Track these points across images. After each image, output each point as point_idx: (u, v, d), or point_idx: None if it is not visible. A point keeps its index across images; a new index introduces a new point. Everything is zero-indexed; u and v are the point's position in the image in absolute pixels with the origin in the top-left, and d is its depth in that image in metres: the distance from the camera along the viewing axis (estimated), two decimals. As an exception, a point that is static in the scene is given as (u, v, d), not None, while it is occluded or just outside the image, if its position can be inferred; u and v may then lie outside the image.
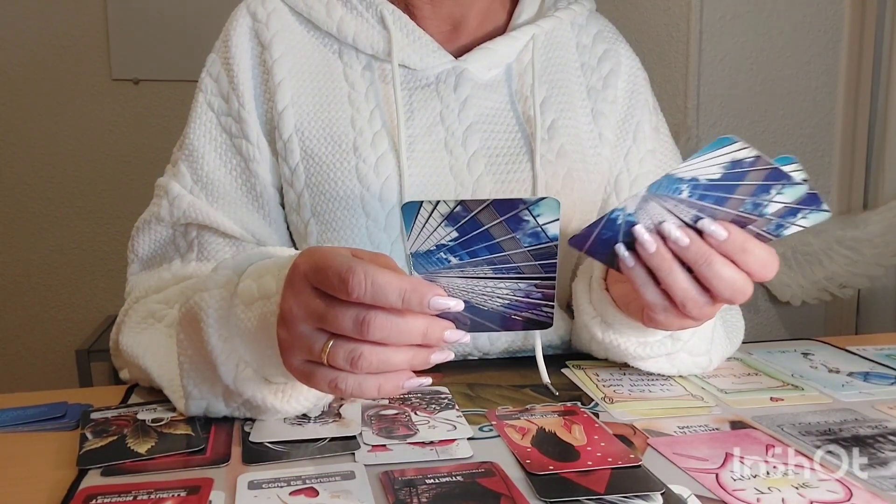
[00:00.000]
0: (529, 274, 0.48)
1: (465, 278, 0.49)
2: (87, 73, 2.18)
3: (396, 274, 0.45)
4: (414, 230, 0.47)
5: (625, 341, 0.67)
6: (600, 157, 0.80)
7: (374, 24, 0.76)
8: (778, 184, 0.51)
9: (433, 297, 0.46)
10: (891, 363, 0.75)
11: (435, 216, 0.46)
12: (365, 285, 0.44)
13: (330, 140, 0.73)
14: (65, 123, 2.19)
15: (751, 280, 0.55)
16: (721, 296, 0.55)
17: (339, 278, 0.45)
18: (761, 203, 0.53)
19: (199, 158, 0.75)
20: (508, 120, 0.78)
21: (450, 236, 0.47)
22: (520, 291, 0.49)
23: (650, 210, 0.54)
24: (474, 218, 0.46)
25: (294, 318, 0.48)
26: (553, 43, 0.82)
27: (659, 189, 0.53)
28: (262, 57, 0.75)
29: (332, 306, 0.46)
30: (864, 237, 1.63)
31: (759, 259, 0.54)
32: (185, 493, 0.48)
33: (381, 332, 0.45)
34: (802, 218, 0.54)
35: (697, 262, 0.54)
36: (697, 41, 1.66)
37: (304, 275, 0.48)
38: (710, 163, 0.51)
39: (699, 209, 0.54)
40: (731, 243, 0.54)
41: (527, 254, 0.48)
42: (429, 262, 0.48)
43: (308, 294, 0.48)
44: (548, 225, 0.46)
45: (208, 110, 0.76)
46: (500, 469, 0.51)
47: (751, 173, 0.51)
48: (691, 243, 0.54)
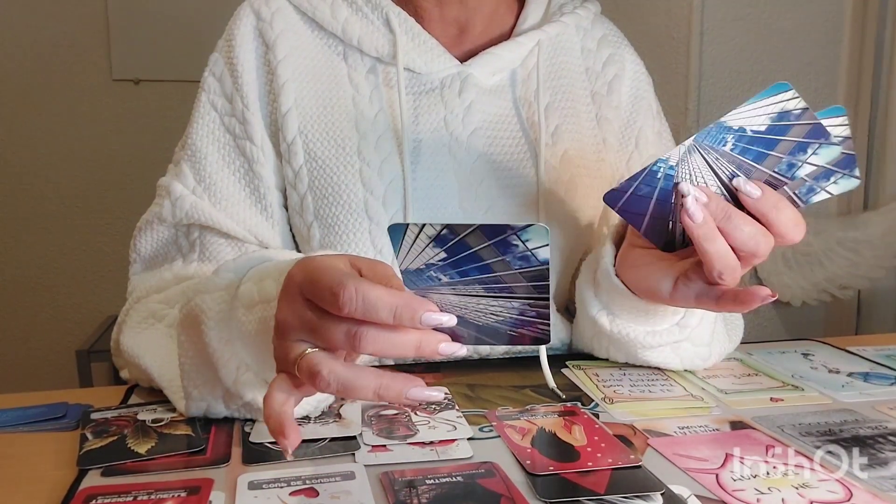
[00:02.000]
0: (522, 294, 0.48)
1: (457, 295, 0.48)
2: (88, 73, 2.18)
3: (388, 290, 0.45)
4: (402, 250, 0.46)
5: (633, 330, 0.67)
6: (604, 163, 0.80)
7: (380, 26, 0.75)
8: (816, 142, 0.53)
9: (425, 312, 0.45)
10: (891, 364, 0.75)
11: (422, 238, 0.45)
12: (356, 301, 0.44)
13: (334, 143, 0.73)
14: (65, 123, 2.19)
15: (772, 238, 0.56)
16: (742, 249, 0.55)
17: (331, 293, 0.44)
18: (795, 163, 0.55)
19: (201, 159, 0.74)
20: (512, 125, 0.78)
21: (438, 257, 0.46)
22: (514, 310, 0.48)
23: (692, 163, 0.55)
24: (462, 241, 0.45)
25: (288, 329, 0.48)
26: (558, 47, 0.82)
27: (706, 138, 0.54)
28: (267, 57, 0.75)
29: (324, 319, 0.46)
30: (864, 238, 1.63)
31: (791, 218, 0.56)
32: (185, 494, 0.48)
33: (373, 346, 0.45)
34: (833, 183, 0.56)
35: (717, 217, 0.55)
36: (698, 42, 1.66)
37: (298, 286, 0.48)
38: (761, 111, 0.53)
39: (738, 165, 0.55)
40: (764, 202, 0.55)
41: (518, 275, 0.47)
42: (419, 279, 0.47)
43: (301, 305, 0.47)
44: (538, 250, 0.45)
45: (211, 110, 0.76)
46: (500, 469, 0.51)
47: (795, 128, 0.53)
48: (710, 200, 0.55)
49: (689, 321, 0.66)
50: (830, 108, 0.55)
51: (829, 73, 1.73)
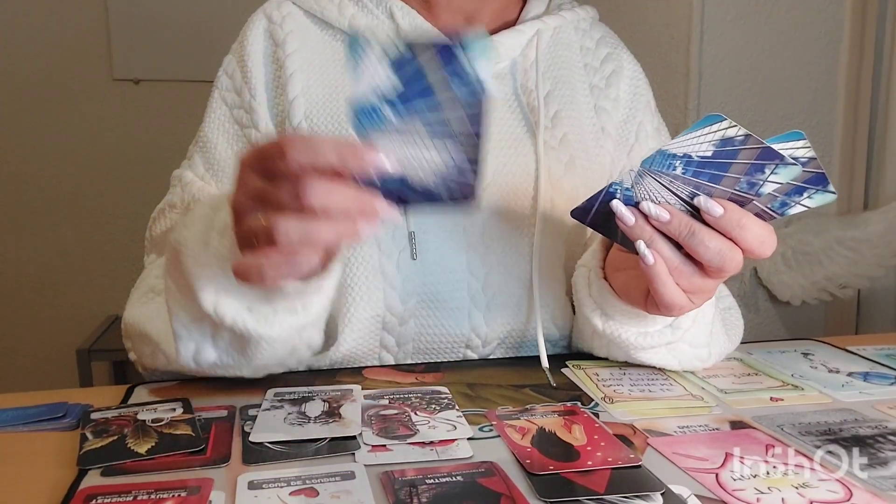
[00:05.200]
0: (458, 130, 0.48)
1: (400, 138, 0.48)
2: (88, 72, 2.18)
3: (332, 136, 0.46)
4: (359, 70, 0.46)
5: (625, 331, 0.67)
6: (602, 150, 0.82)
7: (384, 19, 0.78)
8: (771, 163, 0.52)
9: (371, 154, 0.46)
10: (891, 363, 0.75)
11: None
12: (300, 146, 0.45)
13: (337, 125, 0.75)
14: (66, 123, 2.19)
15: (740, 252, 0.56)
16: (710, 264, 0.57)
17: (277, 147, 0.46)
18: (756, 182, 0.54)
19: (211, 148, 0.78)
20: (512, 110, 0.79)
21: (393, 84, 0.46)
22: (447, 155, 0.48)
23: (647, 185, 0.56)
24: (418, 64, 0.46)
25: (240, 208, 0.49)
26: (558, 43, 0.84)
27: (653, 165, 0.54)
28: (276, 54, 0.78)
29: (272, 183, 0.47)
30: (864, 237, 1.63)
31: (757, 236, 0.56)
32: (185, 493, 0.48)
33: (318, 198, 0.45)
34: (808, 198, 0.55)
35: (681, 235, 0.56)
36: (698, 42, 1.66)
37: (246, 164, 0.50)
38: (701, 140, 0.52)
39: (695, 186, 0.55)
40: (726, 219, 0.55)
41: (456, 102, 0.47)
42: (368, 119, 0.47)
43: (250, 178, 0.49)
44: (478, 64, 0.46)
45: (222, 104, 0.79)
46: (500, 469, 0.51)
47: (742, 152, 0.52)
48: (672, 217, 0.56)
49: (682, 323, 0.66)
50: (788, 133, 0.54)
51: (829, 73, 1.73)
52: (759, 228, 0.56)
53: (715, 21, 1.67)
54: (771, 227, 0.57)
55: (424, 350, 0.76)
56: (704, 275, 0.58)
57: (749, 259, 0.57)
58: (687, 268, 0.58)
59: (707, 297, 0.62)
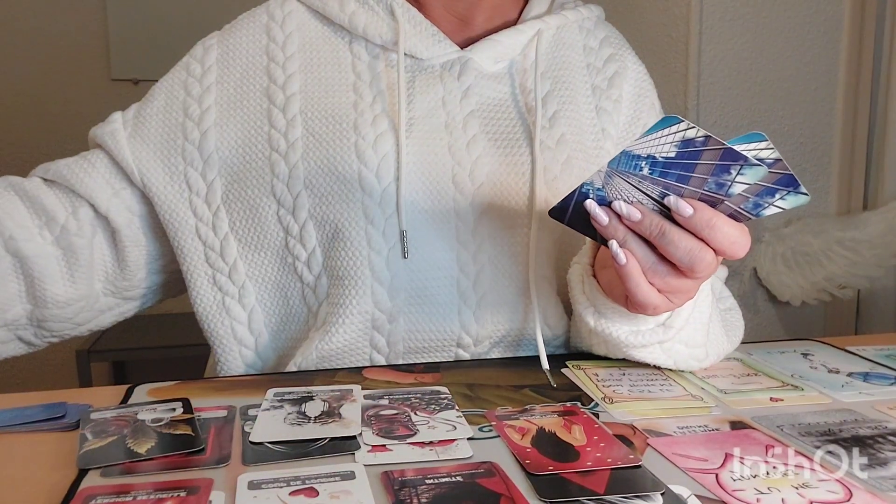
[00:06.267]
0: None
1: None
2: (87, 73, 2.18)
3: None
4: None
5: (616, 329, 0.67)
6: (602, 151, 0.82)
7: (385, 16, 0.78)
8: (736, 164, 0.52)
9: None
10: (891, 363, 0.75)
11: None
12: None
13: (332, 121, 0.75)
14: (64, 123, 2.19)
15: (711, 252, 0.57)
16: (680, 264, 0.57)
17: None
18: (724, 183, 0.54)
19: (151, 100, 0.81)
20: (510, 110, 0.79)
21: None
22: None
23: (617, 185, 0.56)
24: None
25: None
26: (560, 43, 0.84)
27: (619, 165, 0.55)
28: (270, 49, 0.79)
29: None
30: (863, 238, 1.63)
31: (728, 236, 0.56)
32: (185, 494, 0.48)
33: None
34: (781, 199, 0.55)
35: (652, 234, 0.57)
36: (697, 41, 1.66)
37: None
38: (662, 141, 0.53)
39: (664, 186, 0.55)
40: (696, 219, 0.55)
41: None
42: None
43: None
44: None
45: (183, 71, 0.82)
46: (499, 469, 0.51)
47: (705, 153, 0.53)
48: (643, 217, 0.57)
49: (675, 322, 0.66)
50: (749, 134, 0.53)
51: (828, 73, 1.73)
52: (729, 229, 0.56)
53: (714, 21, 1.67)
54: (745, 228, 0.57)
55: (415, 350, 0.75)
56: (680, 275, 0.58)
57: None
58: (661, 268, 0.58)
59: (687, 298, 0.62)
